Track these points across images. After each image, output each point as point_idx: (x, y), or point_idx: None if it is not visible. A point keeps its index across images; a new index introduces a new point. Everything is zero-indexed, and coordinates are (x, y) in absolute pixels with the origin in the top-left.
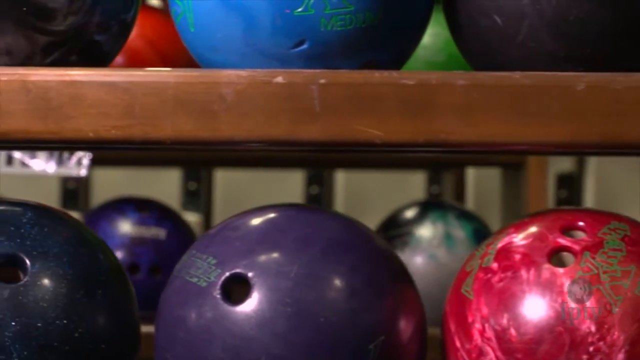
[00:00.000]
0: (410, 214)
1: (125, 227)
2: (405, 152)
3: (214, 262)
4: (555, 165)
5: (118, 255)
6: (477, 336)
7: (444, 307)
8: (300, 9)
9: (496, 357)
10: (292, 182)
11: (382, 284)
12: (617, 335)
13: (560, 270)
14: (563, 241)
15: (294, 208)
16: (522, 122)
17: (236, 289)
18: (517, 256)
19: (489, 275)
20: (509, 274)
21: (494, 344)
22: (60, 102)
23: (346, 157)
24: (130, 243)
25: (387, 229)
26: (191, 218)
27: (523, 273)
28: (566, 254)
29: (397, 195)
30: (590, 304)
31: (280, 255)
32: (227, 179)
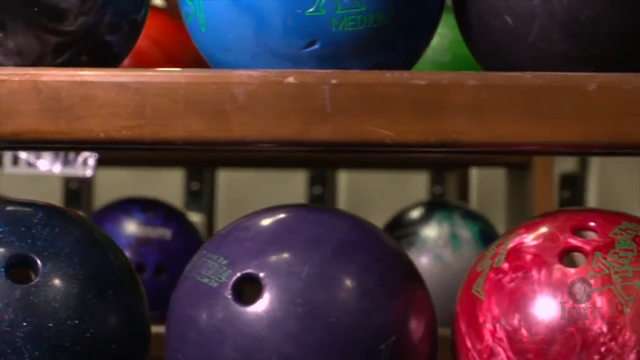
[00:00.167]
0: (415, 214)
1: (131, 227)
2: (415, 152)
3: (225, 262)
4: (558, 165)
5: None
6: (488, 336)
7: (455, 308)
8: (311, 9)
9: (507, 358)
10: (295, 182)
11: (393, 283)
12: (629, 336)
13: (572, 270)
14: (574, 241)
15: (304, 208)
16: (533, 123)
17: (247, 289)
18: (528, 256)
19: (500, 276)
20: (520, 274)
21: (505, 345)
22: (71, 102)
23: (349, 157)
24: (136, 243)
25: (393, 229)
26: (194, 218)
27: (534, 273)
28: (577, 255)
29: (399, 195)
30: (601, 304)
31: (292, 255)
32: (229, 179)
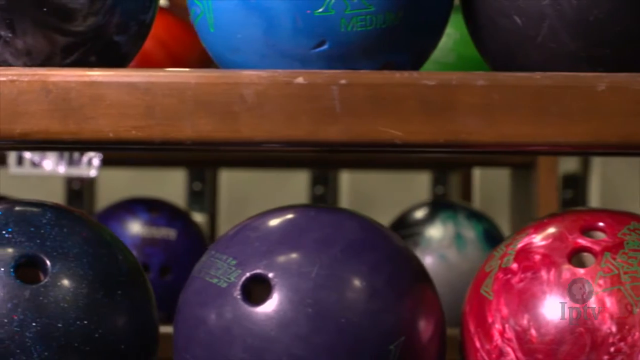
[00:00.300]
0: (420, 214)
1: (135, 227)
2: (422, 152)
3: (234, 262)
4: (561, 165)
5: None
6: (497, 337)
7: (463, 308)
8: (320, 10)
9: (516, 358)
10: (297, 182)
11: (402, 284)
12: (638, 336)
13: (581, 270)
14: (583, 242)
15: (313, 208)
16: (543, 123)
17: (256, 289)
18: (537, 257)
19: (509, 276)
20: (529, 274)
21: (515, 345)
22: (80, 102)
23: (351, 157)
24: (140, 243)
25: (397, 229)
26: (196, 218)
27: (543, 273)
28: (586, 255)
29: (402, 195)
30: (610, 304)
31: (301, 255)
32: (231, 179)
